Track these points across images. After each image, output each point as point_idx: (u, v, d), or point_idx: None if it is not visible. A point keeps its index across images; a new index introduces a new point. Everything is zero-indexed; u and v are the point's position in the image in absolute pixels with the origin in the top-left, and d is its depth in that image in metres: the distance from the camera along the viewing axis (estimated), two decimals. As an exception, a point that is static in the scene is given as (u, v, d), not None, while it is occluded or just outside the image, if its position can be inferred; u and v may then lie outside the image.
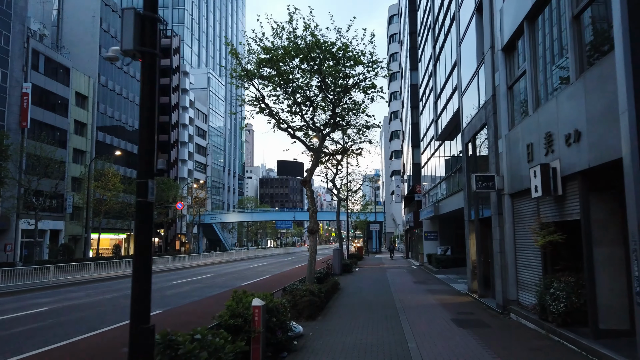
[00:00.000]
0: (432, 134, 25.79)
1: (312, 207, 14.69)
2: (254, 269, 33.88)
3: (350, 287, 19.53)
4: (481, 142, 14.07)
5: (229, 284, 22.69)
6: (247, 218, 69.43)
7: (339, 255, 26.50)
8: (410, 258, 43.66)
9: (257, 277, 27.12)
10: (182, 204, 50.33)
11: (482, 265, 14.21)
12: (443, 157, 23.25)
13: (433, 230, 31.02)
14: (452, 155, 21.65)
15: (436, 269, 25.11)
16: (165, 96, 66.90)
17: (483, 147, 13.99)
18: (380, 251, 68.66)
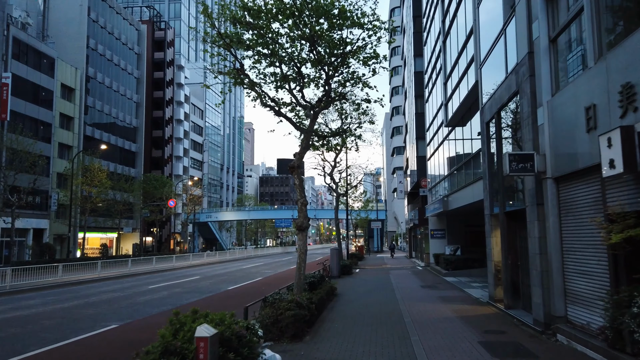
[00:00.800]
0: (441, 120, 23.12)
1: (301, 198, 12.07)
2: (246, 270, 31.25)
3: (349, 292, 16.87)
4: (509, 117, 11.39)
5: (214, 288, 20.07)
6: (244, 216, 66.83)
7: (337, 256, 23.87)
8: (415, 258, 41.00)
9: (247, 279, 24.49)
10: (174, 201, 47.74)
11: (510, 269, 11.55)
12: (454, 143, 20.57)
13: (440, 228, 28.34)
14: (464, 142, 18.98)
15: (445, 270, 22.44)
16: (159, 90, 64.29)
17: (510, 123, 11.32)
18: (382, 250, 66.00)
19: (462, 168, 19.27)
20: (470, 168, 17.64)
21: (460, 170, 19.79)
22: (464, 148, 18.95)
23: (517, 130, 10.66)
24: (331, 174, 27.29)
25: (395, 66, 79.39)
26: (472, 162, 17.40)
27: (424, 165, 33.57)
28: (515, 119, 10.88)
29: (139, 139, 58.06)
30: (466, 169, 18.39)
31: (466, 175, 18.39)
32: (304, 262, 11.99)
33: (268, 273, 28.79)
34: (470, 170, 17.49)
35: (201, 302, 15.47)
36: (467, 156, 18.37)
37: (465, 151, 18.81)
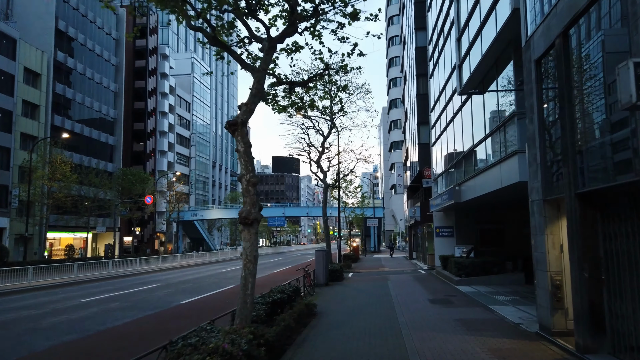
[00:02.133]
0: (451, 93, 18.59)
1: (247, 173, 7.53)
2: (221, 275, 26.67)
3: (334, 311, 12.31)
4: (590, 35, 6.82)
5: (164, 301, 15.50)
6: (232, 214, 62.18)
7: (324, 259, 19.31)
8: (415, 259, 36.45)
9: (216, 288, 19.90)
10: (151, 197, 43.09)
11: (587, 286, 6.98)
12: (470, 115, 16.00)
13: (447, 225, 23.83)
14: (485, 112, 14.44)
15: (457, 277, 17.89)
16: (141, 80, 59.61)
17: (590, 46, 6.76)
18: (379, 250, 61.44)
19: (482, 145, 14.71)
20: (497, 142, 13.08)
21: (478, 149, 15.25)
22: (485, 119, 14.39)
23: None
24: (318, 161, 22.74)
25: (393, 56, 75.13)
26: (500, 134, 12.84)
27: (427, 154, 29.06)
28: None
29: (118, 131, 53.39)
30: (491, 144, 13.83)
31: (491, 154, 13.82)
32: (252, 276, 7.47)
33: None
34: (498, 145, 12.93)
35: (138, 324, 10.92)
36: (488, 128, 13.84)
37: (487, 124, 14.28)
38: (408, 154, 38.01)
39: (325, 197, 22.51)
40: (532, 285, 17.22)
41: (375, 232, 58.86)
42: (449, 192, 18.78)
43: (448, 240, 23.83)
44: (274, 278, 23.83)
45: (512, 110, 11.80)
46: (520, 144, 11.17)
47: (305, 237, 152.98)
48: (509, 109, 12.29)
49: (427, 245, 29.85)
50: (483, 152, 14.68)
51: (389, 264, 33.76)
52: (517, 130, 11.33)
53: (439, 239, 24.36)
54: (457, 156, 18.47)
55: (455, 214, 23.47)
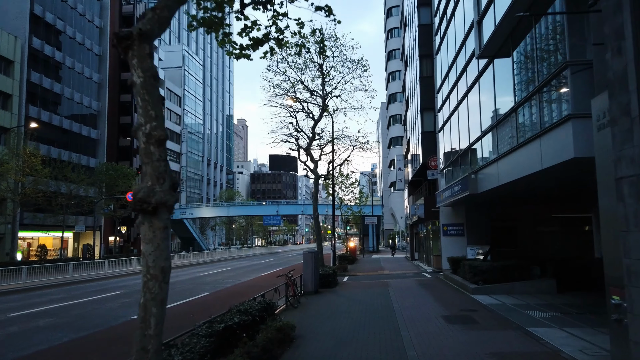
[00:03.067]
0: (466, 60, 15.39)
1: (149, 122, 4.28)
2: (199, 280, 23.43)
3: (317, 335, 9.09)
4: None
5: (115, 315, 12.30)
6: (223, 213, 58.98)
7: (313, 262, 16.09)
8: (418, 260, 33.25)
9: (186, 296, 16.68)
10: (132, 194, 39.71)
11: None
12: (492, 83, 12.78)
13: (456, 223, 20.65)
14: (514, 76, 11.23)
15: (473, 284, 14.69)
16: (127, 71, 56.23)
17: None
18: (378, 250, 58.24)
19: (509, 119, 11.49)
20: (533, 111, 9.85)
21: (503, 125, 12.03)
22: (514, 84, 11.19)
23: None
24: (308, 149, 19.52)
25: (392, 49, 72.14)
26: (537, 101, 9.62)
27: (431, 143, 25.86)
28: None
29: (101, 125, 50.13)
30: (524, 115, 10.61)
31: (525, 127, 10.60)
32: (157, 303, 4.19)
33: (223, 285, 20.95)
34: (537, 114, 9.70)
35: None
36: (522, 92, 10.63)
37: (516, 90, 11.07)
38: (409, 146, 34.80)
39: (315, 190, 19.29)
40: (566, 296, 14.13)
41: (374, 231, 55.66)
42: (462, 182, 15.56)
43: (457, 239, 20.65)
44: (258, 283, 20.63)
45: (560, 61, 8.58)
46: (574, 106, 7.97)
47: (303, 236, 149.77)
48: (550, 66, 9.09)
49: (431, 245, 26.67)
50: (511, 128, 11.46)
51: (389, 265, 30.55)
52: (571, 87, 8.13)
53: (447, 239, 21.18)
54: (473, 138, 15.25)
55: (465, 209, 20.30)
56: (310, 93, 19.37)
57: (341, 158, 20.77)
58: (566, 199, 17.24)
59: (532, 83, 10.04)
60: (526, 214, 21.28)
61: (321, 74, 19.11)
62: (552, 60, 9.20)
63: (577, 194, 15.26)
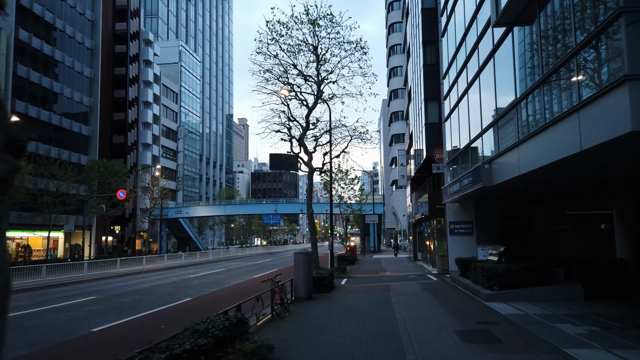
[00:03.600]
0: (477, 35, 13.51)
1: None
2: (184, 283, 21.58)
3: (301, 358, 7.22)
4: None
5: (73, 327, 10.50)
6: (220, 212, 57.18)
7: (306, 264, 14.25)
8: (421, 260, 31.36)
9: (163, 303, 14.85)
10: (124, 192, 38.01)
11: None
12: (512, 53, 10.89)
13: (465, 221, 18.77)
14: (541, 39, 9.35)
15: (487, 290, 12.81)
16: (121, 66, 54.57)
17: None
18: (379, 250, 56.34)
19: (535, 94, 9.61)
20: (570, 79, 7.97)
21: (527, 103, 10.14)
22: (540, 52, 9.30)
23: None
24: (301, 139, 17.67)
25: (394, 44, 70.34)
26: (574, 66, 7.73)
27: (436, 135, 24.00)
28: None
29: (93, 121, 48.35)
30: (558, 87, 8.72)
31: (557, 100, 8.72)
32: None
33: (210, 289, 19.13)
34: (576, 81, 7.81)
35: None
36: (552, 59, 8.75)
37: (543, 58, 9.18)
38: (412, 141, 32.91)
39: (310, 184, 17.42)
40: (596, 303, 12.17)
41: (375, 230, 53.77)
42: (474, 174, 13.68)
43: (466, 239, 18.77)
44: (247, 287, 18.81)
45: (606, 13, 6.70)
46: (631, 65, 6.09)
47: (304, 236, 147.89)
48: (592, 21, 7.22)
49: (436, 245, 24.79)
50: (536, 105, 9.59)
51: (391, 266, 28.68)
52: (627, 41, 6.24)
53: (454, 238, 19.30)
54: (486, 124, 13.37)
55: (475, 205, 18.41)
56: (304, 79, 17.51)
57: (339, 150, 18.71)
58: (586, 194, 15.36)
59: (565, 48, 8.16)
60: (539, 210, 19.43)
61: (316, 58, 17.25)
62: (594, 12, 7.31)
63: (599, 187, 13.38)
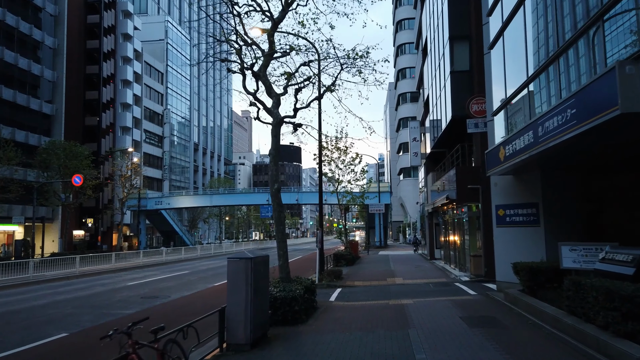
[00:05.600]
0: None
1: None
2: (96, 299, 14.69)
3: None
4: None
5: None
6: (205, 202, 50.48)
7: (250, 280, 7.26)
8: (441, 260, 24.26)
9: (61, 329, 7.89)
10: (80, 177, 31.19)
11: None
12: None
13: (525, 203, 11.67)
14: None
15: (619, 339, 5.69)
16: (93, 38, 47.70)
17: None
18: (385, 245, 49.28)
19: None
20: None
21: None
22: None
23: None
24: (262, 72, 10.58)
25: (401, 19, 63.26)
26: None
27: (466, 86, 16.93)
28: None
29: (58, 99, 41.58)
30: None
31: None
32: None
33: (125, 310, 12.20)
34: None
35: None
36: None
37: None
38: (428, 109, 25.75)
39: (276, 141, 10.31)
40: None
41: (381, 222, 46.74)
42: (591, 92, 6.48)
43: (524, 231, 11.66)
44: (186, 305, 11.92)
45: None
46: None
47: (308, 230, 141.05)
48: None
49: (465, 240, 17.71)
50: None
51: (403, 268, 21.65)
52: None
53: (504, 230, 12.22)
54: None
55: (543, 178, 11.28)
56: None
57: (326, 91, 11.48)
58: None
59: None
60: (616, 189, 12.29)
61: None
62: None
63: None
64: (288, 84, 11.32)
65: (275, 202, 10.54)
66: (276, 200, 10.54)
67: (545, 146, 7.98)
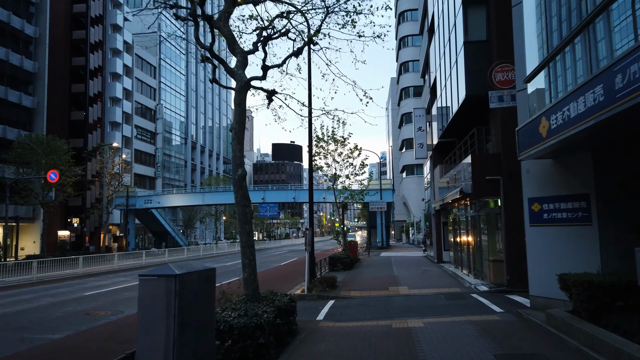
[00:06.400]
0: None
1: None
2: (45, 311, 11.96)
3: None
4: None
5: None
6: (197, 201, 47.79)
7: (172, 310, 4.47)
8: (450, 264, 21.43)
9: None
10: (56, 172, 28.52)
11: None
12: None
13: (570, 195, 8.81)
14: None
15: None
16: (80, 29, 45.07)
17: None
18: (388, 245, 46.48)
19: None
20: None
21: None
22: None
23: None
24: (224, 21, 7.85)
25: (404, 10, 60.61)
26: None
27: (482, 58, 14.16)
28: None
29: (40, 91, 38.99)
30: None
31: None
32: None
33: (69, 329, 9.42)
34: None
35: None
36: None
37: None
38: (435, 94, 22.93)
39: (241, 111, 7.56)
40: None
41: (383, 222, 43.94)
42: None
43: (570, 232, 8.85)
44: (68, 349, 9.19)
45: None
46: None
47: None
48: None
49: (482, 242, 14.90)
50: None
51: (408, 274, 18.84)
52: None
53: (540, 230, 9.41)
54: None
55: (595, 161, 8.46)
56: None
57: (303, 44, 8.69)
58: None
59: None
60: None
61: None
62: None
63: None
64: (259, 39, 8.55)
65: (239, 193, 7.76)
66: (240, 191, 7.76)
67: (631, 102, 5.18)
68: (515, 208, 12.68)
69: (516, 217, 12.65)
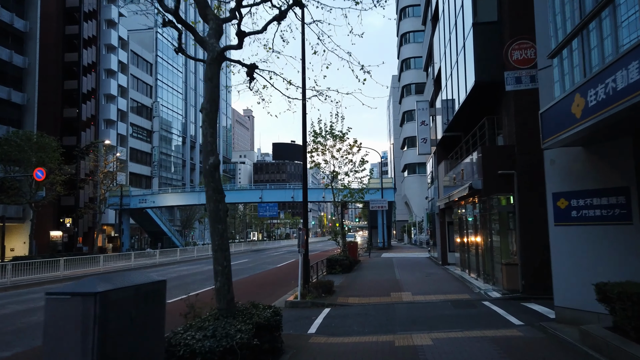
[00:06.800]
0: None
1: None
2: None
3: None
4: None
5: None
6: (194, 200, 46.37)
7: (107, 340, 3.14)
8: (456, 266, 20.03)
9: None
10: (43, 170, 27.23)
11: None
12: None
13: (605, 188, 7.43)
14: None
15: None
16: (73, 24, 43.81)
17: None
18: (389, 246, 45.10)
19: None
20: None
21: None
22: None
23: None
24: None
25: (405, 5, 59.41)
26: None
27: (495, 40, 12.84)
28: None
29: (30, 87, 37.72)
30: None
31: None
32: None
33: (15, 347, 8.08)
34: None
35: None
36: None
37: None
38: (439, 86, 21.57)
39: (212, 87, 6.32)
40: None
41: (384, 222, 42.54)
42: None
43: (606, 232, 7.48)
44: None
45: None
46: None
47: (310, 230, 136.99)
48: None
49: (493, 242, 13.53)
50: None
51: (411, 278, 17.47)
52: None
53: (569, 230, 8.04)
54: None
55: (636, 147, 7.09)
56: None
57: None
58: None
59: None
60: None
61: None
62: None
63: None
64: (238, 5, 7.20)
65: (210, 185, 6.43)
66: (212, 184, 6.43)
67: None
68: (531, 205, 11.36)
69: (532, 215, 11.33)
